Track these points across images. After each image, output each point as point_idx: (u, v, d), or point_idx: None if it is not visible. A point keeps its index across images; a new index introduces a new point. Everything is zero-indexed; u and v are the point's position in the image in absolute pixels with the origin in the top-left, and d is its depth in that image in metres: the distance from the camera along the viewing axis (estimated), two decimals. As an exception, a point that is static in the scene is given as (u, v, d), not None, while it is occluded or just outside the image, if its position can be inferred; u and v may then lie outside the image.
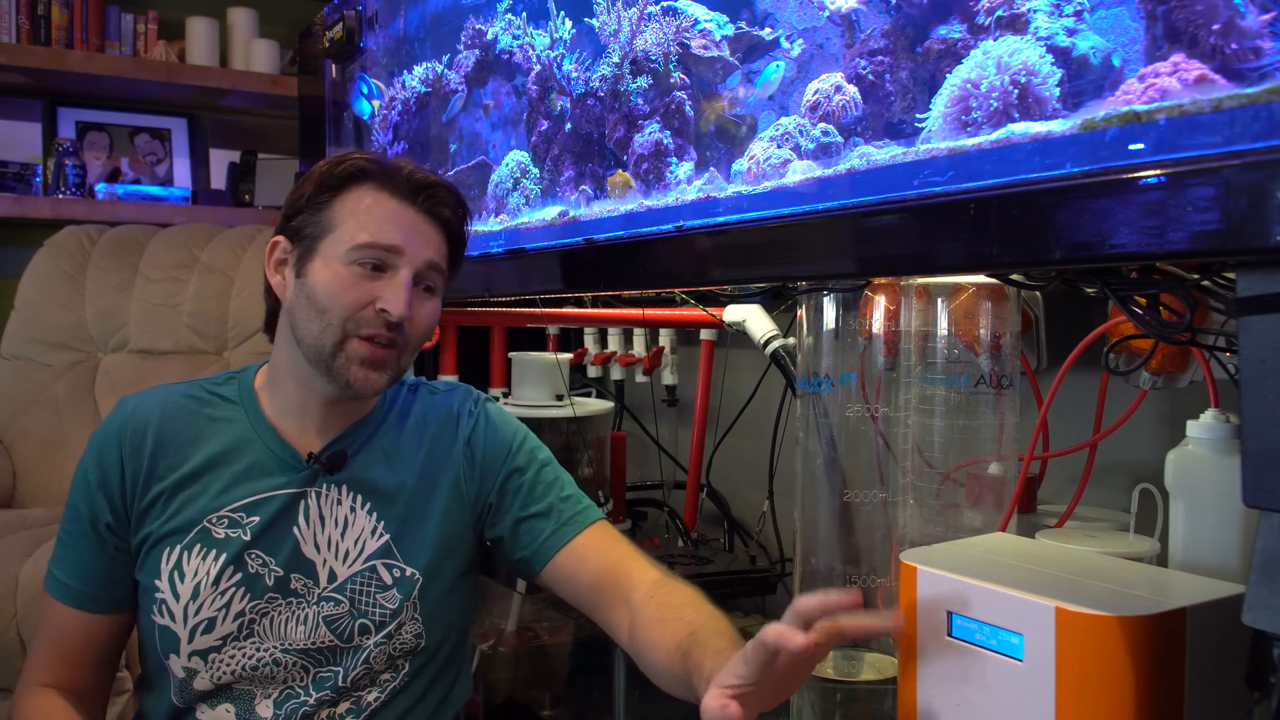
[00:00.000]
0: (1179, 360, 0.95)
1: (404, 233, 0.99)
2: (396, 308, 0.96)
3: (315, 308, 0.98)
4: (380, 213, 0.99)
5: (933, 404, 0.98)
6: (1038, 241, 0.61)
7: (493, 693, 1.46)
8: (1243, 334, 0.54)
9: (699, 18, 0.94)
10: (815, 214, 0.80)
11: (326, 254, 0.99)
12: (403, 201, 1.00)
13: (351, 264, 0.97)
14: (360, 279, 0.97)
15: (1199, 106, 0.54)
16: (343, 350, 0.97)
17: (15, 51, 2.44)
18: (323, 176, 1.01)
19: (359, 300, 0.97)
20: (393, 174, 1.01)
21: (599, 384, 2.01)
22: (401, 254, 0.98)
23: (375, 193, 1.00)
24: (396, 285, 0.97)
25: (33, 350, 2.17)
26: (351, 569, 1.02)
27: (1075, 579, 0.71)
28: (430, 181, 1.02)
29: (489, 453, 1.09)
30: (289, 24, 2.78)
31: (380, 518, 1.04)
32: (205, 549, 1.00)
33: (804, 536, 1.08)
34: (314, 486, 1.03)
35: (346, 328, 0.97)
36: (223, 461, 1.03)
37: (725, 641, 0.89)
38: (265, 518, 1.01)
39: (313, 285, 0.98)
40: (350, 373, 0.98)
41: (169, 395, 1.07)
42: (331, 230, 0.99)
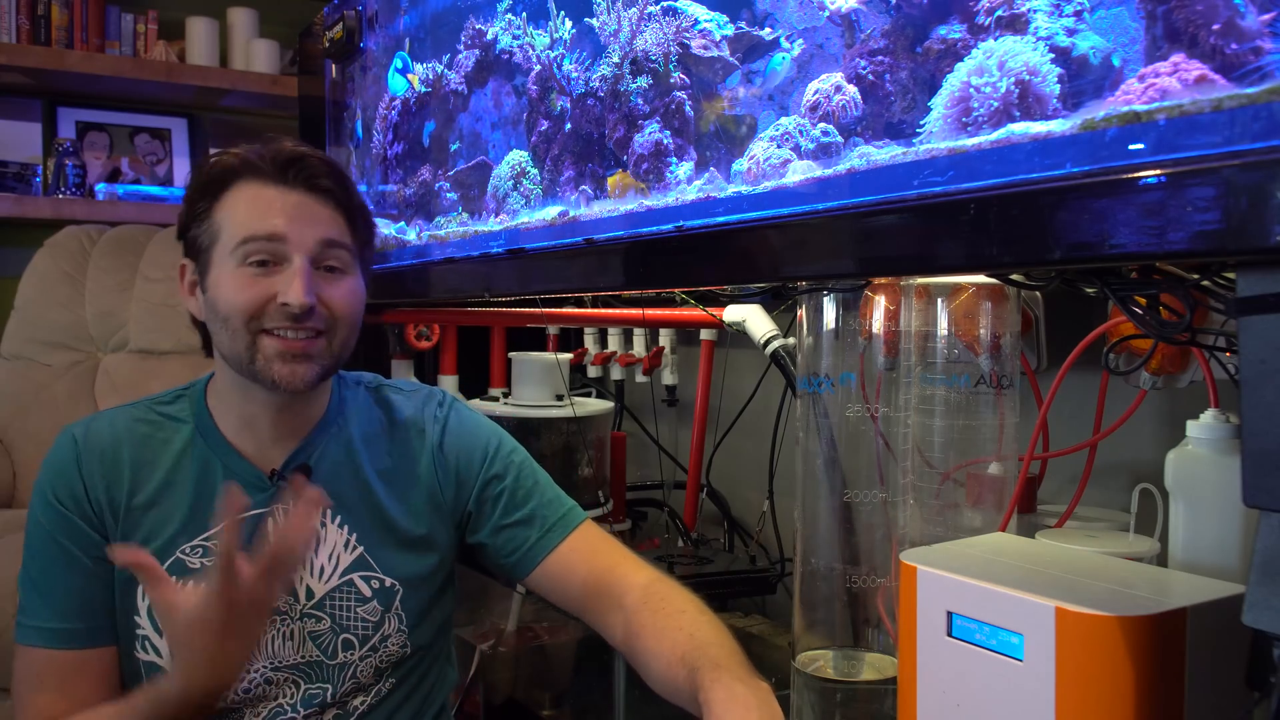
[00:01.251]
0: (1179, 360, 0.95)
1: (284, 216, 0.94)
2: (295, 296, 0.92)
3: (220, 318, 0.95)
4: (255, 203, 0.95)
5: (933, 404, 0.98)
6: (1038, 241, 0.61)
7: (493, 693, 1.46)
8: (1243, 334, 0.54)
9: (699, 18, 0.94)
10: (815, 214, 0.80)
11: (218, 262, 0.95)
12: (275, 185, 0.95)
13: (241, 264, 0.93)
14: (254, 278, 0.93)
15: (1199, 106, 0.54)
16: (258, 351, 0.94)
17: (15, 51, 2.44)
18: (197, 184, 0.98)
19: (256, 300, 0.93)
20: (258, 160, 0.96)
21: (599, 384, 2.01)
22: (286, 240, 0.94)
23: (246, 185, 0.95)
24: (291, 274, 0.93)
25: (33, 350, 2.17)
26: (328, 585, 1.00)
27: (1075, 579, 0.71)
28: (297, 154, 0.97)
29: (462, 459, 1.07)
30: (289, 24, 2.78)
31: (352, 529, 1.01)
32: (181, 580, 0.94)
33: (804, 536, 1.08)
34: (281, 504, 0.98)
35: (251, 328, 0.94)
36: (185, 488, 0.98)
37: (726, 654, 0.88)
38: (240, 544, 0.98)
39: (213, 297, 0.95)
40: (273, 371, 0.94)
41: (117, 421, 1.01)
42: (218, 237, 0.95)
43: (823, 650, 1.07)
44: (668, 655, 0.92)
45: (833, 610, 1.06)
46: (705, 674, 0.86)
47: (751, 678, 0.85)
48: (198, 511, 0.98)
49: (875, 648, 1.06)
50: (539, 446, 1.66)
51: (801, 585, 1.08)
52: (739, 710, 0.80)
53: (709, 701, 0.83)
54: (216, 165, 0.97)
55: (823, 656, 1.07)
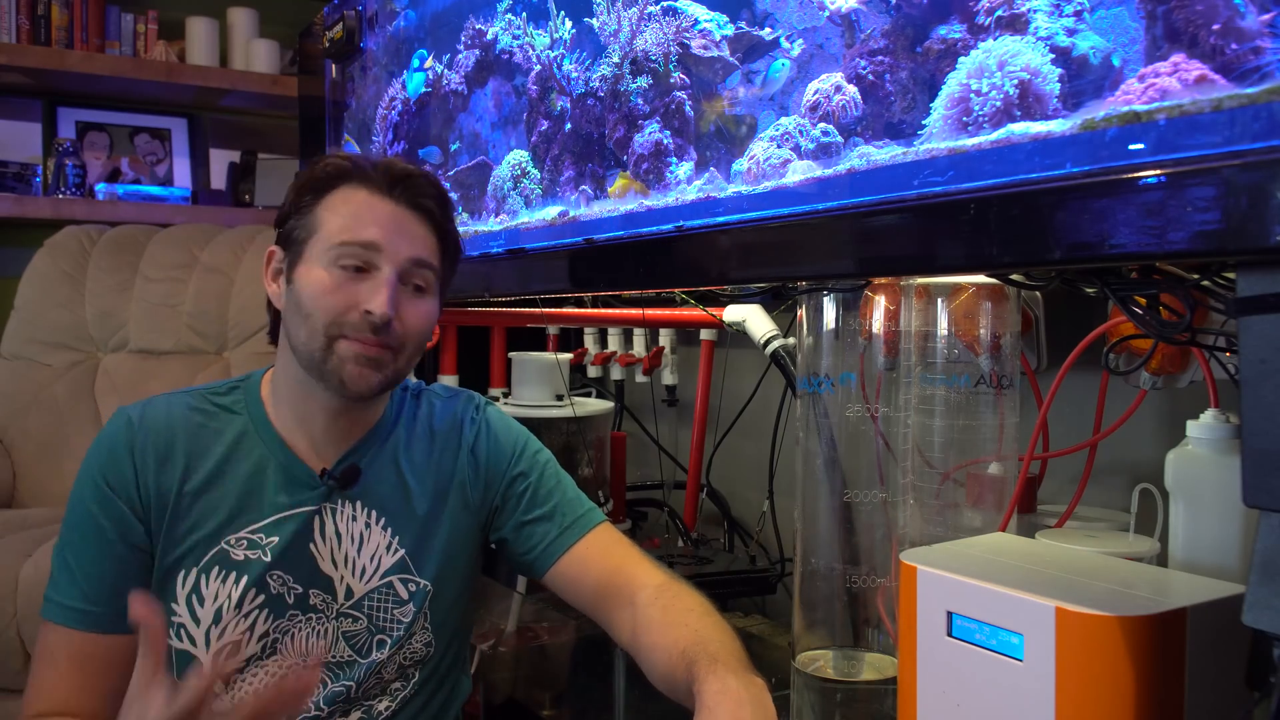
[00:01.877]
0: (1179, 360, 0.95)
1: (382, 228, 0.96)
2: (379, 306, 0.93)
3: (301, 313, 0.96)
4: (357, 208, 0.97)
5: (933, 404, 0.98)
6: (1038, 241, 0.61)
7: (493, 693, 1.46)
8: (1243, 334, 0.54)
9: (699, 18, 0.94)
10: (815, 214, 0.80)
11: (310, 257, 0.96)
12: (380, 195, 0.97)
13: (333, 265, 0.95)
14: (343, 281, 0.95)
15: (1199, 106, 0.54)
16: (333, 353, 0.95)
17: (15, 51, 2.44)
18: (306, 180, 1.00)
19: (342, 304, 0.94)
20: (369, 169, 0.99)
21: (599, 384, 2.01)
22: (381, 250, 0.95)
23: (353, 190, 0.98)
24: (378, 284, 0.95)
25: (33, 350, 2.17)
26: (369, 585, 1.01)
27: (1075, 579, 0.71)
28: (408, 172, 0.99)
29: (492, 459, 1.09)
30: (289, 24, 2.78)
31: (395, 533, 1.03)
32: (224, 571, 0.97)
33: (804, 536, 1.08)
34: (329, 503, 1.01)
35: (330, 332, 0.95)
36: (235, 480, 0.99)
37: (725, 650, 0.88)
38: (284, 537, 0.99)
39: (299, 290, 0.96)
40: (344, 371, 0.95)
41: (173, 407, 1.02)
42: (315, 233, 0.97)
43: (823, 650, 1.07)
44: (669, 649, 0.92)
45: (833, 610, 1.06)
46: (701, 666, 0.86)
47: (747, 673, 0.86)
48: (246, 503, 0.99)
49: (875, 648, 1.06)
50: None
51: (801, 585, 1.08)
52: (729, 704, 0.81)
53: (701, 693, 0.83)
54: (330, 164, 0.99)
55: (823, 656, 1.07)
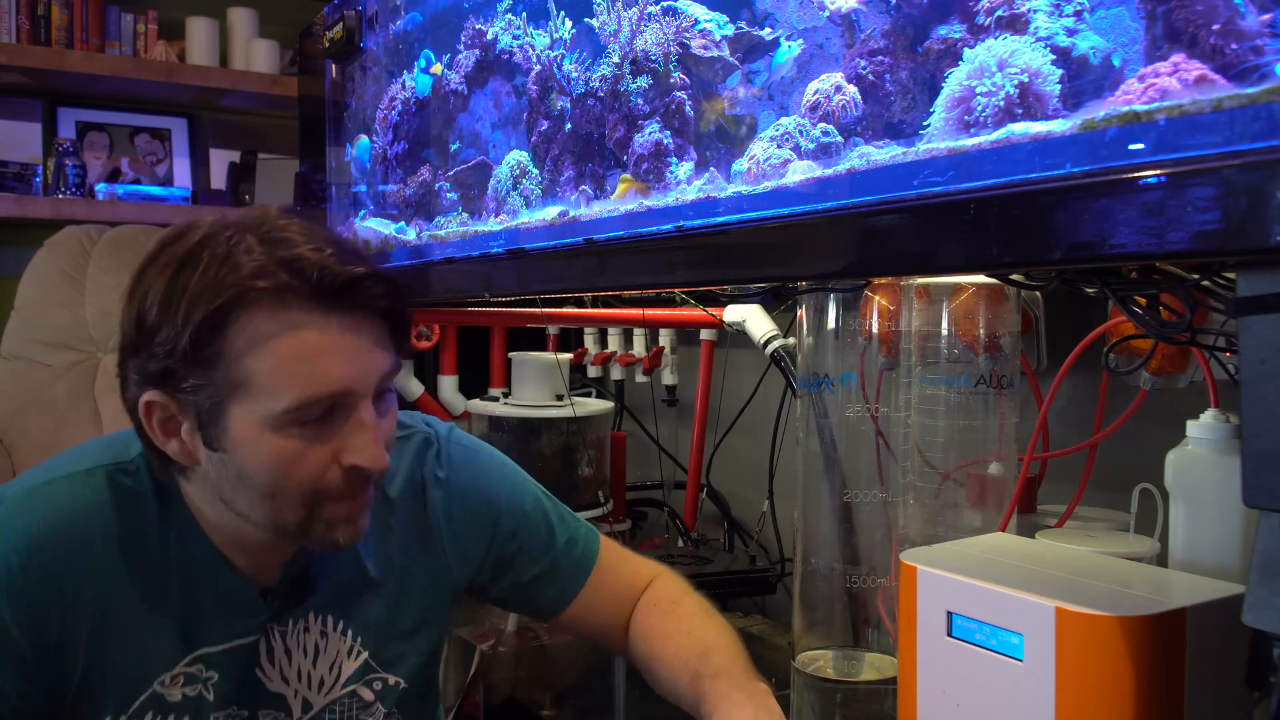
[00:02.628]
0: (1179, 360, 0.95)
1: (347, 364, 0.73)
2: (373, 460, 0.75)
3: (256, 491, 0.75)
4: (303, 347, 0.71)
5: (933, 404, 0.98)
6: (1038, 241, 0.61)
7: (493, 693, 1.45)
8: (1243, 334, 0.54)
9: (699, 18, 0.94)
10: (815, 214, 0.80)
11: (245, 423, 0.73)
12: (322, 313, 0.72)
13: (290, 427, 0.73)
14: (308, 444, 0.74)
15: (1199, 106, 0.54)
16: (318, 521, 0.77)
17: (15, 51, 2.44)
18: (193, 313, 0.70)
19: (317, 469, 0.75)
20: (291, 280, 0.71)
21: (599, 384, 2.01)
22: (352, 392, 0.74)
23: (278, 317, 0.71)
24: (362, 430, 0.75)
25: (33, 350, 2.17)
26: (329, 696, 0.88)
27: (1075, 579, 0.71)
28: (354, 277, 0.73)
29: (471, 526, 0.94)
30: (289, 24, 2.77)
31: (355, 634, 0.88)
32: (160, 716, 0.80)
33: (804, 536, 1.08)
34: (276, 624, 0.85)
35: (311, 502, 0.76)
36: (165, 606, 0.80)
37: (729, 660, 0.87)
38: (226, 671, 0.83)
39: (244, 465, 0.74)
40: (334, 536, 0.78)
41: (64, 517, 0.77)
42: (241, 387, 0.72)
43: (823, 650, 1.07)
44: (671, 661, 0.91)
45: (833, 610, 1.06)
46: (706, 682, 0.86)
47: (752, 683, 0.85)
48: (179, 636, 0.80)
49: (875, 648, 1.06)
50: (539, 446, 1.66)
51: (801, 585, 1.08)
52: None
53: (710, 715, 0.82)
54: (223, 289, 0.70)
55: (823, 656, 1.07)
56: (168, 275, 0.72)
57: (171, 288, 0.72)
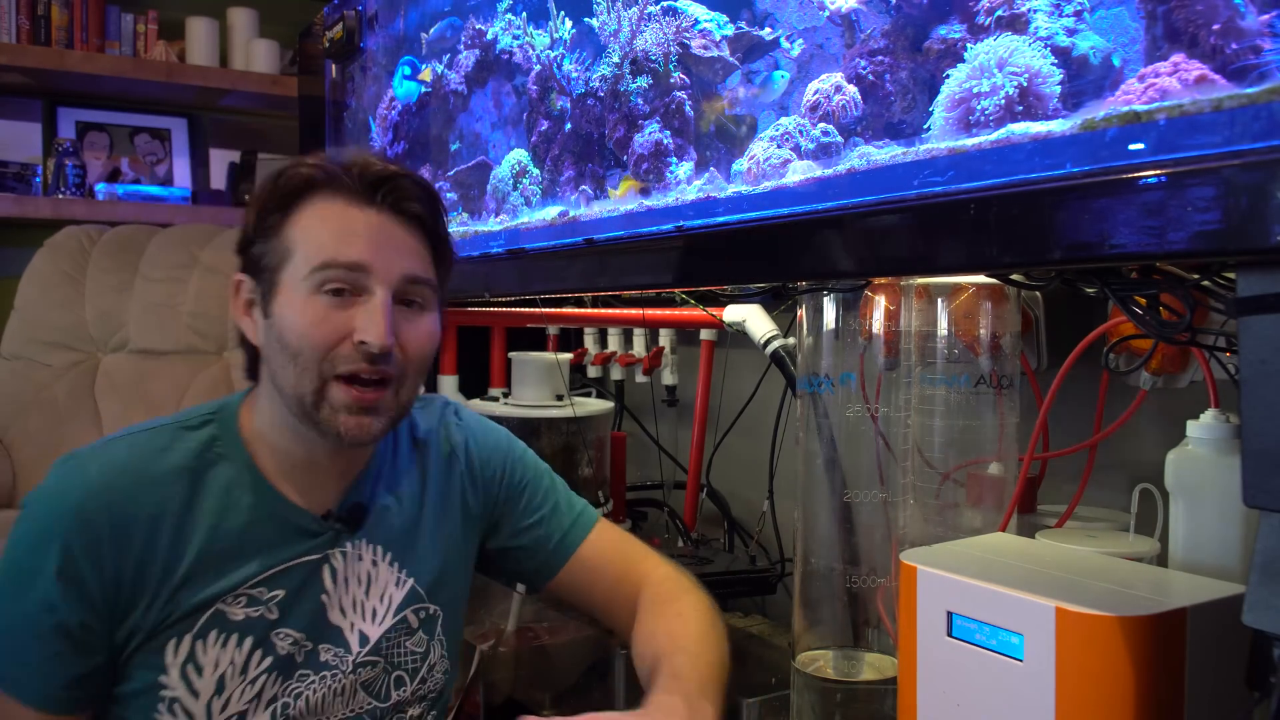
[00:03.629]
0: (1179, 360, 0.95)
1: (368, 243, 0.84)
2: (376, 336, 0.82)
3: (287, 351, 0.84)
4: (335, 224, 0.84)
5: (933, 404, 0.98)
6: (1038, 241, 0.61)
7: (493, 693, 1.45)
8: (1243, 334, 0.54)
9: (699, 18, 0.94)
10: (815, 214, 0.80)
11: (288, 286, 0.84)
12: (359, 205, 0.85)
13: (316, 292, 0.83)
14: (330, 309, 0.83)
15: (1199, 106, 0.54)
16: (324, 399, 0.84)
17: (15, 51, 2.44)
18: (268, 194, 0.87)
19: (332, 335, 0.83)
20: (342, 173, 0.86)
21: (599, 384, 2.01)
22: (370, 270, 0.84)
23: (327, 202, 0.85)
24: (373, 309, 0.83)
25: (33, 350, 2.17)
26: (382, 627, 0.93)
27: (1075, 579, 0.71)
28: (389, 173, 0.86)
29: (486, 465, 1.02)
30: (289, 24, 2.77)
31: (402, 565, 0.95)
32: (224, 634, 0.85)
33: (804, 536, 1.08)
34: (336, 547, 0.91)
35: (323, 370, 0.83)
36: (226, 535, 0.87)
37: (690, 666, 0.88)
38: (290, 590, 0.88)
39: (280, 325, 0.84)
40: (339, 423, 0.84)
41: (137, 456, 0.86)
42: (289, 257, 0.84)
43: (823, 650, 1.07)
44: (644, 654, 0.93)
45: (833, 610, 1.06)
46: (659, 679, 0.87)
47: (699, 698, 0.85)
48: (241, 558, 0.87)
49: (875, 648, 1.06)
50: (539, 446, 1.65)
51: (801, 585, 1.08)
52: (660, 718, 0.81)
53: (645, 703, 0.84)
54: (293, 175, 0.86)
55: (823, 656, 1.07)
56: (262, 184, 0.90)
57: (259, 189, 0.90)
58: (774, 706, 1.16)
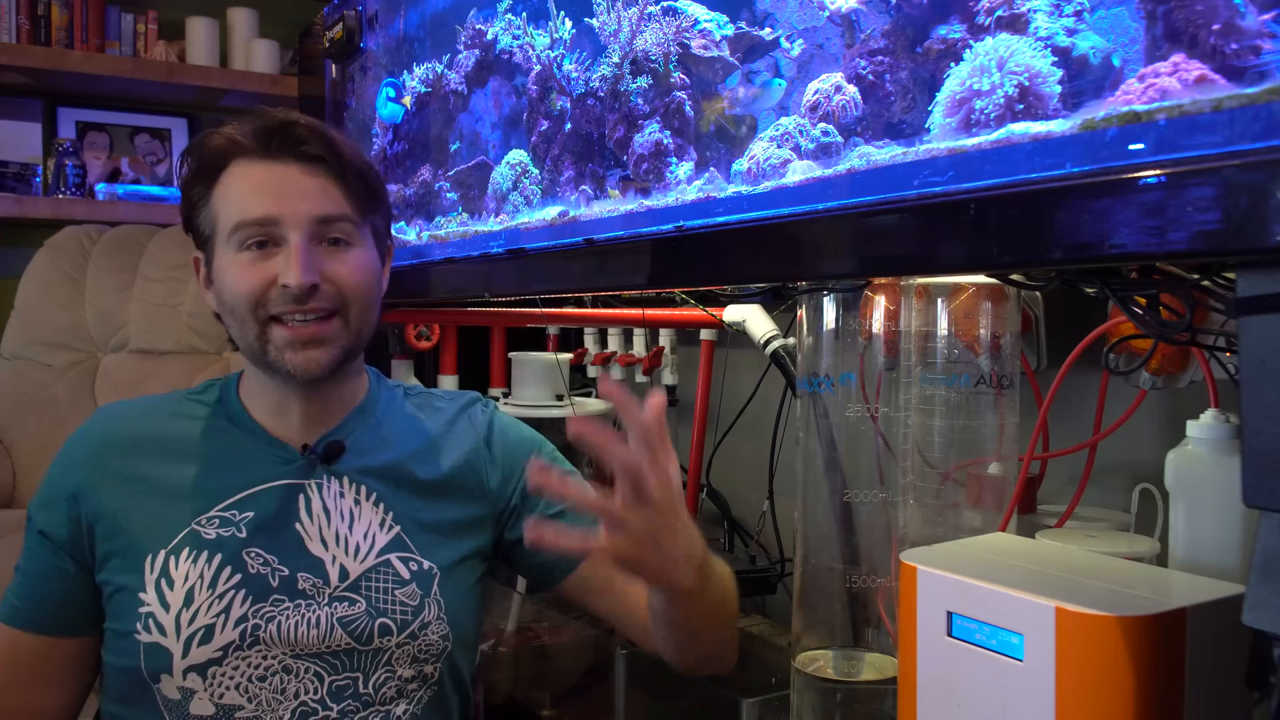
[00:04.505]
0: (1179, 360, 0.95)
1: (274, 196, 0.90)
2: (292, 277, 0.89)
3: (227, 308, 0.93)
4: (244, 185, 0.91)
5: (933, 404, 0.98)
6: (1038, 241, 0.61)
7: (493, 693, 1.45)
8: (1243, 334, 0.54)
9: (699, 18, 0.94)
10: (815, 214, 0.80)
11: (220, 251, 0.92)
12: (261, 160, 0.91)
13: (239, 250, 0.90)
14: (253, 263, 0.90)
15: (1199, 106, 0.54)
16: (269, 341, 0.91)
17: (15, 51, 2.44)
18: (191, 173, 0.94)
19: (257, 284, 0.90)
20: (242, 136, 0.91)
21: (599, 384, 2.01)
22: (280, 221, 0.90)
23: (238, 166, 0.91)
24: (288, 254, 0.89)
25: (33, 350, 2.17)
26: (364, 564, 0.95)
27: (1075, 579, 0.71)
28: (279, 123, 0.91)
29: (509, 451, 1.06)
30: (289, 24, 2.77)
31: (388, 509, 0.98)
32: (195, 551, 0.92)
33: (804, 536, 1.08)
34: (312, 478, 0.97)
35: (258, 315, 0.90)
36: (207, 461, 0.96)
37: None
38: (261, 513, 0.94)
39: (219, 287, 0.93)
40: (286, 360, 0.91)
41: (145, 402, 1.02)
42: (216, 225, 0.92)
43: (823, 650, 1.07)
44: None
45: (833, 610, 1.06)
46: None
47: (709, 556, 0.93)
48: (218, 482, 0.95)
49: (875, 648, 1.06)
50: (539, 446, 1.65)
51: (801, 585, 1.08)
52: None
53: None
54: (205, 149, 0.93)
55: (823, 656, 1.07)
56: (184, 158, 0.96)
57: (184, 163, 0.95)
58: (774, 706, 1.16)
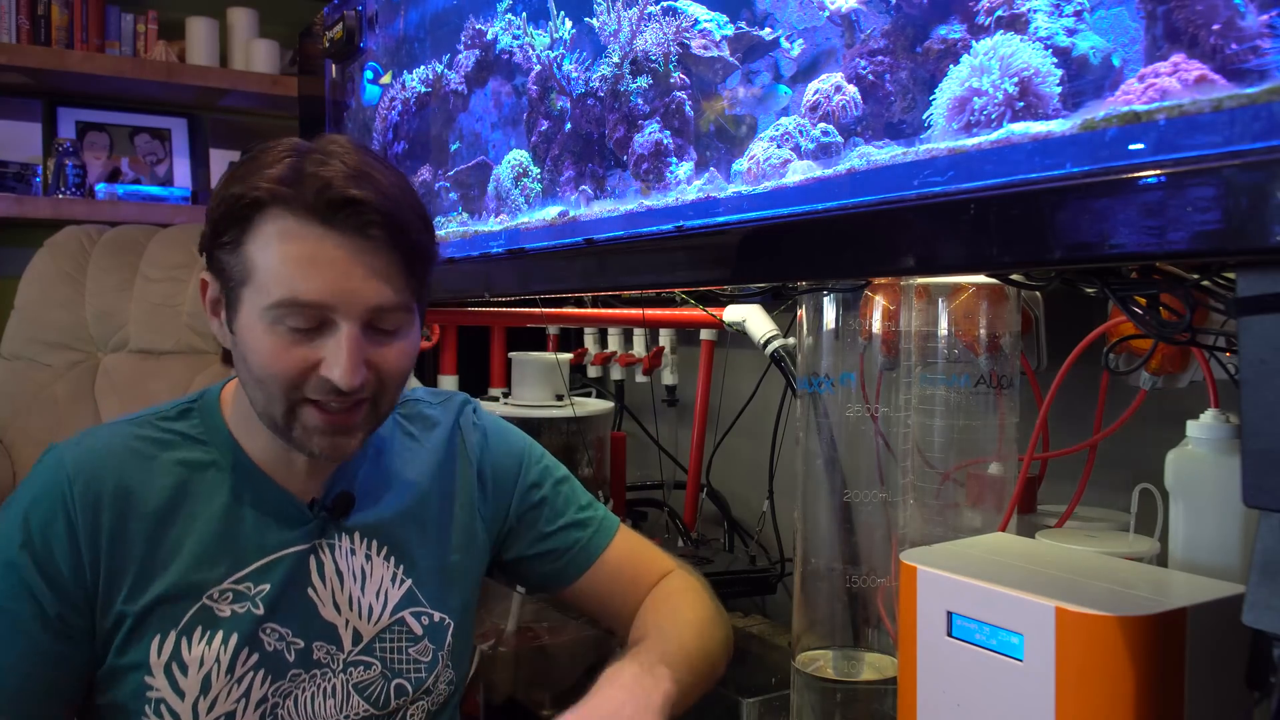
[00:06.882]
0: (1179, 360, 0.95)
1: (330, 277, 0.76)
2: (342, 376, 0.77)
3: (252, 375, 0.80)
4: (294, 252, 0.76)
5: (933, 404, 0.98)
6: (1038, 241, 0.61)
7: (493, 693, 1.45)
8: (1243, 334, 0.54)
9: (699, 18, 0.94)
10: (815, 214, 0.80)
11: (249, 309, 0.79)
12: (319, 226, 0.76)
13: (276, 325, 0.77)
14: (293, 344, 0.78)
15: (1199, 106, 0.54)
16: (296, 420, 0.80)
17: (15, 51, 2.44)
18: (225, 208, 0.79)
19: (296, 368, 0.78)
20: (300, 190, 0.76)
21: (599, 384, 2.01)
22: (333, 310, 0.77)
23: (283, 222, 0.76)
24: (339, 346, 0.77)
25: (33, 350, 2.17)
26: (378, 626, 0.89)
27: (1075, 579, 0.71)
28: (349, 197, 0.76)
29: (500, 471, 1.00)
30: (289, 24, 2.77)
31: (399, 561, 0.91)
32: (209, 631, 0.82)
33: (804, 536, 1.08)
34: (324, 538, 0.88)
35: (290, 396, 0.79)
36: (207, 521, 0.84)
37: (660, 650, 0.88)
38: (276, 583, 0.85)
39: (244, 347, 0.80)
40: (313, 443, 0.81)
41: (116, 441, 0.85)
42: (249, 278, 0.78)
43: (823, 650, 1.07)
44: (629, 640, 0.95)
45: (833, 610, 1.06)
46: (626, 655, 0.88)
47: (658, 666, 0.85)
48: (225, 548, 0.84)
49: (875, 648, 1.06)
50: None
51: (801, 585, 1.08)
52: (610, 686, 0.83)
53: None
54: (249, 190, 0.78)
55: (823, 656, 1.07)
56: (227, 171, 0.84)
57: (224, 183, 0.82)
58: (774, 706, 1.16)
